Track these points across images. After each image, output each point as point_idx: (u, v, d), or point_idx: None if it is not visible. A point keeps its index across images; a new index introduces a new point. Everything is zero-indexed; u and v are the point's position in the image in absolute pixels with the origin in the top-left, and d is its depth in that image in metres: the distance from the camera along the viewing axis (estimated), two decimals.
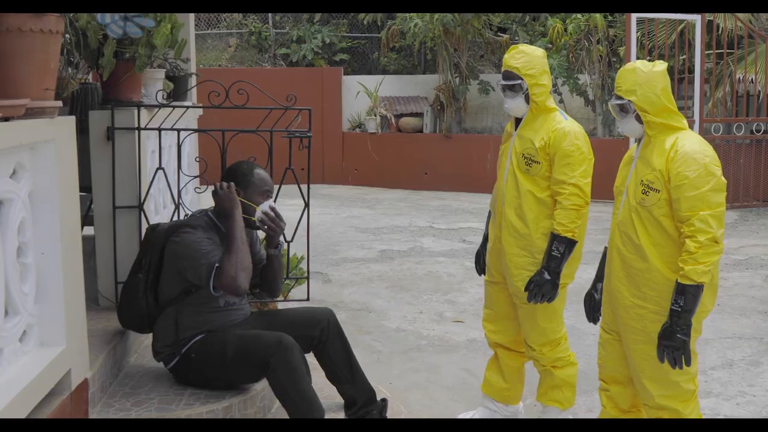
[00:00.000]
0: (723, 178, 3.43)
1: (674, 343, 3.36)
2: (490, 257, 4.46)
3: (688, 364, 3.39)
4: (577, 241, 4.22)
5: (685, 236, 3.37)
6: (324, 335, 4.09)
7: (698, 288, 3.33)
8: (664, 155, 3.49)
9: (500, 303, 4.48)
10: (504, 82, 4.23)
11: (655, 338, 3.49)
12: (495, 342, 4.56)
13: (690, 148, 3.45)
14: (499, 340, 4.54)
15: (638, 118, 3.59)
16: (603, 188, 13.03)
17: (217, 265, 3.74)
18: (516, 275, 4.25)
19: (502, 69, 4.27)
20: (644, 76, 3.54)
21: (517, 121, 4.34)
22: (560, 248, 4.14)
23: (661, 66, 3.59)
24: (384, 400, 4.25)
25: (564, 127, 4.18)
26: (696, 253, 3.32)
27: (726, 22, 12.25)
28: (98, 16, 4.06)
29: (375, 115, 15.08)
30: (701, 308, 3.49)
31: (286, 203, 5.51)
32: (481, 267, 4.61)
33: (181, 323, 3.89)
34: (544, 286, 4.10)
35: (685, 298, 3.33)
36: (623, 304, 3.63)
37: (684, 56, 12.05)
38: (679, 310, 3.35)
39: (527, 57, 4.19)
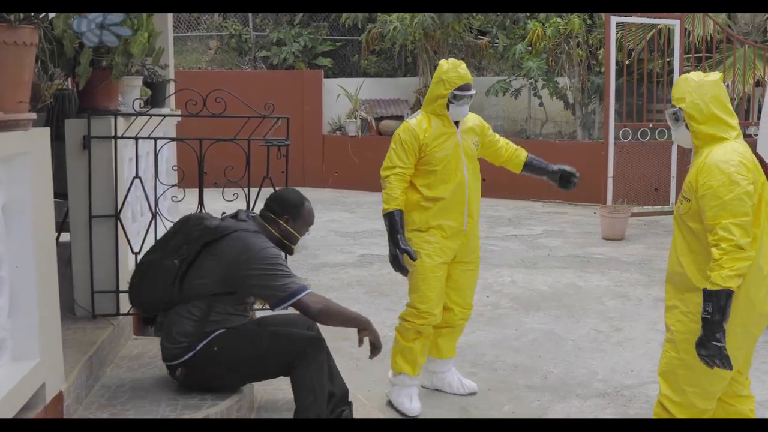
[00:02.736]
0: (750, 187, 3.45)
1: (709, 351, 3.41)
2: (454, 242, 4.94)
3: (730, 367, 3.43)
4: None
5: (711, 245, 3.44)
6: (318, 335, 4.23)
7: (722, 293, 3.36)
8: (697, 165, 3.58)
9: (443, 281, 4.98)
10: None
11: (677, 337, 3.64)
12: (435, 324, 5.00)
13: (717, 157, 3.50)
14: (439, 318, 5.00)
15: (689, 128, 3.67)
16: (582, 191, 13.12)
17: (308, 292, 3.81)
18: (477, 247, 5.15)
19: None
20: (694, 84, 3.64)
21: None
22: None
23: (713, 76, 3.67)
24: (350, 403, 4.28)
25: (476, 115, 5.13)
26: (720, 259, 3.38)
27: (705, 27, 12.32)
28: (74, 24, 4.03)
29: (355, 118, 15.08)
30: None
31: None
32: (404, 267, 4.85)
33: (210, 318, 3.89)
34: None
35: (713, 305, 3.38)
36: (667, 305, 3.78)
37: (662, 60, 12.10)
38: (708, 317, 3.39)
39: None
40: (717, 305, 3.37)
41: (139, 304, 4.09)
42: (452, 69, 4.83)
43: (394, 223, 4.85)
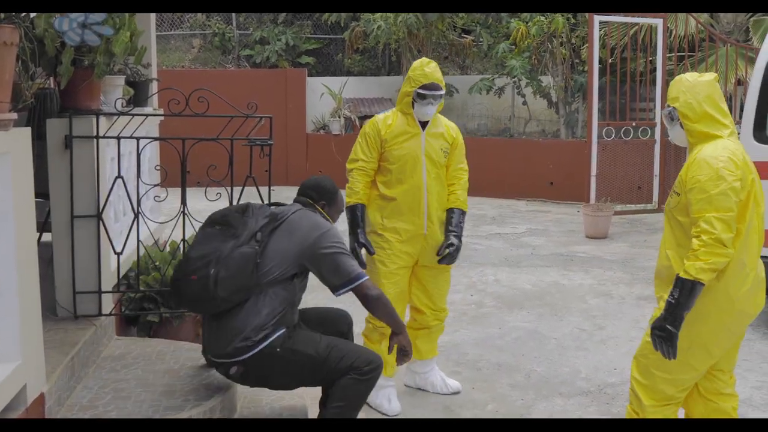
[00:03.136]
0: (736, 184, 3.51)
1: (663, 333, 3.52)
2: (412, 246, 4.91)
3: (674, 356, 3.52)
4: None
5: (693, 236, 3.50)
6: (350, 331, 4.27)
7: (694, 283, 3.44)
8: (688, 161, 3.65)
9: (406, 283, 5.01)
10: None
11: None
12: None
13: (707, 153, 3.58)
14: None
15: (683, 126, 3.75)
16: (566, 190, 13.19)
17: (367, 277, 3.88)
18: (436, 249, 4.96)
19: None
20: (688, 84, 3.73)
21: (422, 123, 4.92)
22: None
23: (707, 76, 3.75)
24: None
25: (455, 126, 5.18)
26: (698, 250, 3.44)
27: (687, 26, 12.37)
28: (56, 23, 4.00)
29: (339, 117, 15.06)
30: (699, 314, 3.58)
31: None
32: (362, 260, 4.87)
33: (293, 305, 3.89)
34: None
35: (680, 291, 3.47)
36: (656, 298, 3.85)
37: (644, 59, 12.15)
38: (673, 302, 3.49)
39: None
40: (684, 294, 3.46)
41: (220, 298, 3.75)
42: (418, 67, 4.84)
43: (354, 217, 4.86)
